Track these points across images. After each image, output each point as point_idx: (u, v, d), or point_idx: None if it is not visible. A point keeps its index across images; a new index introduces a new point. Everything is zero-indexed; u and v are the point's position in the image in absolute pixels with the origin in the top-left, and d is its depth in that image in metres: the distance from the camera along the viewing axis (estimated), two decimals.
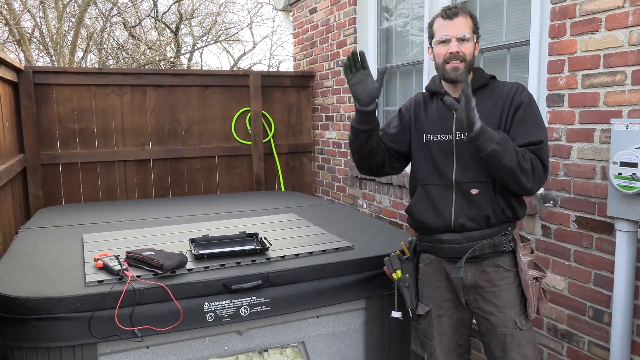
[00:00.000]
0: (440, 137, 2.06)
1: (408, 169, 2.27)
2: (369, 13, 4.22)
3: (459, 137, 2.02)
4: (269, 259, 2.32)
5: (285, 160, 5.03)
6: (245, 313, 2.14)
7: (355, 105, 2.03)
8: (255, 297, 2.16)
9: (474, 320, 2.13)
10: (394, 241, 2.62)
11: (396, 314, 2.22)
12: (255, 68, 17.62)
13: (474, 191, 1.99)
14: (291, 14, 5.56)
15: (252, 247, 2.39)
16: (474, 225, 1.99)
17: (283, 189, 4.93)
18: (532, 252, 2.07)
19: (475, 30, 2.02)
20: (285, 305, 2.21)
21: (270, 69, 17.38)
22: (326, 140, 4.89)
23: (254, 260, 2.30)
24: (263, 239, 2.47)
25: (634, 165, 1.97)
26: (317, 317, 2.34)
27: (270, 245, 2.40)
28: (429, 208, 2.06)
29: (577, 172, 2.44)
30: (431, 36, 2.05)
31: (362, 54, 1.96)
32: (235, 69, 16.60)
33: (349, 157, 4.48)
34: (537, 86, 2.67)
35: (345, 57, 2.00)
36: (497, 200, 1.98)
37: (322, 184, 5.03)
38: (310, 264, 2.29)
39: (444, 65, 1.98)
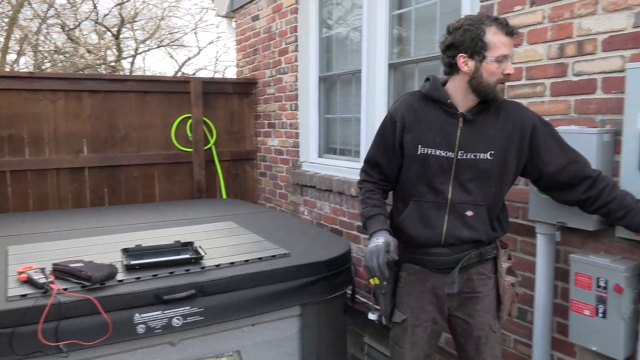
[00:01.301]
0: (441, 153, 1.93)
1: None
2: (310, 22, 4.26)
3: (461, 156, 1.92)
4: (204, 268, 2.30)
5: (227, 167, 4.99)
6: (178, 323, 2.11)
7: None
8: (189, 307, 2.13)
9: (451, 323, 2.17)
10: (331, 248, 2.66)
11: (372, 316, 2.19)
12: (201, 74, 17.38)
13: (469, 213, 1.95)
14: (234, 20, 5.54)
15: (186, 256, 2.36)
16: (463, 243, 1.99)
17: (225, 197, 4.88)
18: (509, 258, 2.12)
19: None
20: (220, 314, 2.19)
21: (216, 75, 17.19)
22: (268, 148, 4.89)
23: (188, 270, 2.27)
24: (198, 248, 2.45)
25: None
26: (253, 325, 2.34)
27: (205, 254, 2.38)
28: (420, 224, 2.00)
29: None
30: (482, 48, 1.81)
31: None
32: (179, 74, 16.31)
33: (290, 164, 4.50)
34: None
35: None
36: (490, 223, 1.99)
37: (264, 191, 5.02)
38: (245, 272, 2.28)
39: (496, 85, 1.86)
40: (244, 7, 5.16)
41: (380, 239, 1.94)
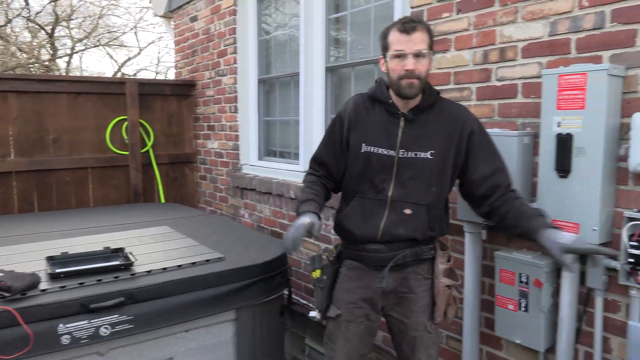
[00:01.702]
0: (383, 151, 1.99)
1: None
2: (248, 24, 4.24)
3: (402, 154, 1.97)
4: (134, 274, 2.24)
5: (165, 170, 4.88)
6: (106, 333, 2.04)
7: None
8: (118, 315, 2.07)
9: (387, 322, 2.19)
10: (266, 251, 2.65)
11: (313, 314, 2.19)
12: (142, 74, 16.94)
13: (408, 211, 1.98)
14: (172, 21, 5.44)
15: (115, 263, 2.29)
16: (399, 241, 2.02)
17: (163, 201, 4.77)
18: (448, 260, 2.15)
19: (432, 45, 1.94)
20: (151, 322, 2.14)
21: (158, 76, 16.78)
22: (208, 150, 4.82)
23: (117, 277, 2.20)
24: (128, 254, 2.38)
25: None
26: (187, 332, 2.30)
27: (136, 260, 2.32)
28: (359, 220, 2.04)
29: None
30: (385, 48, 1.94)
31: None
32: (119, 74, 15.81)
33: (230, 166, 4.46)
34: None
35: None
36: (427, 222, 2.01)
37: (204, 195, 4.95)
38: (178, 277, 2.24)
39: (399, 81, 1.91)
40: (182, 8, 5.07)
41: (306, 219, 1.92)
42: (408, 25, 1.88)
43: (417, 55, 1.88)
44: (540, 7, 2.11)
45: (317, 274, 2.13)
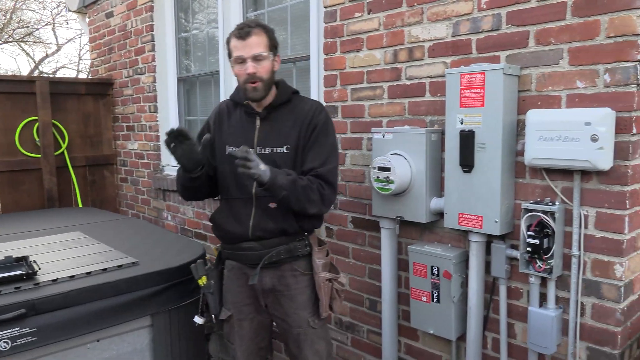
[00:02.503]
0: None
1: None
2: (166, 21, 4.13)
3: (260, 151, 2.04)
4: (38, 284, 2.12)
5: (82, 173, 4.66)
6: (5, 347, 1.91)
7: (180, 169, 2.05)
8: (19, 328, 1.94)
9: (274, 323, 2.21)
10: (184, 254, 2.59)
11: (198, 320, 2.23)
12: (62, 72, 16.09)
13: (272, 205, 2.03)
14: (87, 17, 5.19)
15: (17, 272, 2.15)
16: (270, 235, 2.05)
17: (81, 205, 4.55)
18: (327, 254, 2.18)
19: (272, 46, 2.01)
20: (57, 333, 2.03)
21: (80, 74, 16.01)
22: (128, 152, 4.65)
23: (19, 287, 2.07)
24: (32, 262, 2.25)
25: (388, 169, 2.22)
26: (98, 341, 2.20)
27: (40, 269, 2.19)
28: (230, 219, 2.10)
29: (351, 177, 2.68)
30: (229, 55, 2.03)
31: (183, 131, 1.92)
32: (36, 72, 14.94)
33: (152, 168, 4.32)
34: (317, 98, 2.87)
35: (165, 135, 1.92)
36: (293, 214, 2.03)
37: (126, 198, 4.77)
38: (86, 285, 2.14)
39: (245, 85, 1.99)
40: (97, 3, 4.85)
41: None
42: (243, 32, 1.96)
43: (257, 59, 1.96)
44: (444, 8, 2.19)
45: (203, 280, 2.19)
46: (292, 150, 2.04)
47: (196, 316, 2.24)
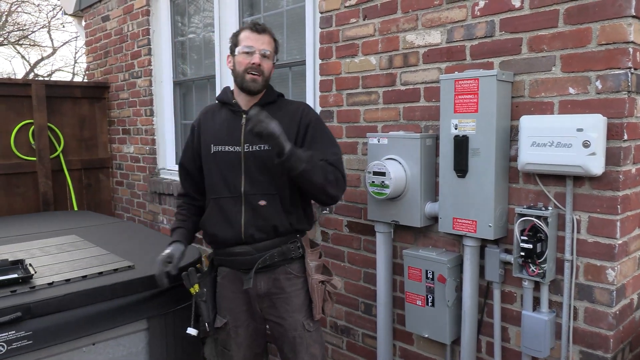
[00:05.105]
0: (229, 148, 2.07)
1: None
2: (162, 25, 4.14)
3: (247, 149, 2.04)
4: (34, 287, 2.12)
5: (78, 177, 4.66)
6: (1, 351, 1.91)
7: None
8: (14, 332, 1.94)
9: (267, 327, 2.20)
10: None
11: (191, 331, 2.16)
12: (57, 75, 16.07)
13: (262, 203, 2.03)
14: (83, 20, 5.20)
15: (13, 276, 2.16)
16: (262, 235, 2.04)
17: (76, 209, 4.55)
18: (320, 256, 2.18)
19: (275, 51, 2.12)
20: (53, 337, 2.03)
21: (76, 77, 15.98)
22: (124, 155, 4.65)
23: (15, 291, 2.07)
24: (28, 265, 2.25)
25: (383, 174, 2.24)
26: (94, 344, 2.20)
27: (35, 272, 2.20)
28: (220, 221, 2.08)
29: (347, 181, 2.68)
30: (235, 45, 2.07)
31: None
32: (31, 75, 14.91)
33: (147, 171, 4.33)
34: (312, 103, 2.89)
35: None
36: (284, 212, 2.05)
37: (121, 201, 4.77)
38: (82, 288, 2.14)
39: (244, 74, 2.02)
40: (93, 7, 4.86)
41: (167, 250, 2.11)
42: (259, 27, 2.06)
43: (264, 55, 2.04)
44: (438, 15, 2.21)
45: (195, 289, 2.15)
46: None
47: (189, 328, 2.17)
